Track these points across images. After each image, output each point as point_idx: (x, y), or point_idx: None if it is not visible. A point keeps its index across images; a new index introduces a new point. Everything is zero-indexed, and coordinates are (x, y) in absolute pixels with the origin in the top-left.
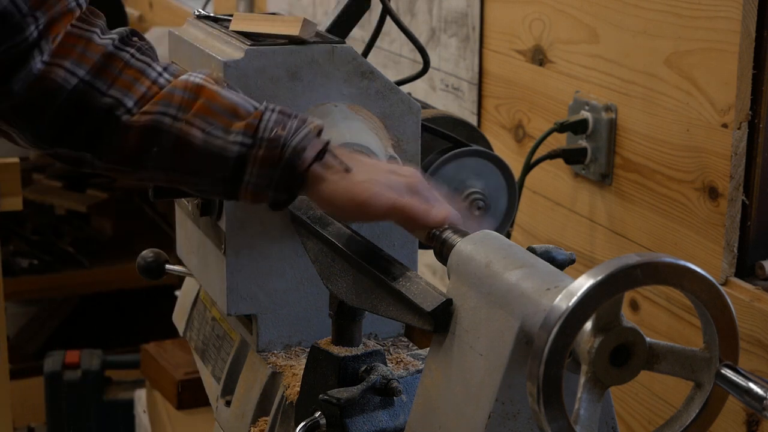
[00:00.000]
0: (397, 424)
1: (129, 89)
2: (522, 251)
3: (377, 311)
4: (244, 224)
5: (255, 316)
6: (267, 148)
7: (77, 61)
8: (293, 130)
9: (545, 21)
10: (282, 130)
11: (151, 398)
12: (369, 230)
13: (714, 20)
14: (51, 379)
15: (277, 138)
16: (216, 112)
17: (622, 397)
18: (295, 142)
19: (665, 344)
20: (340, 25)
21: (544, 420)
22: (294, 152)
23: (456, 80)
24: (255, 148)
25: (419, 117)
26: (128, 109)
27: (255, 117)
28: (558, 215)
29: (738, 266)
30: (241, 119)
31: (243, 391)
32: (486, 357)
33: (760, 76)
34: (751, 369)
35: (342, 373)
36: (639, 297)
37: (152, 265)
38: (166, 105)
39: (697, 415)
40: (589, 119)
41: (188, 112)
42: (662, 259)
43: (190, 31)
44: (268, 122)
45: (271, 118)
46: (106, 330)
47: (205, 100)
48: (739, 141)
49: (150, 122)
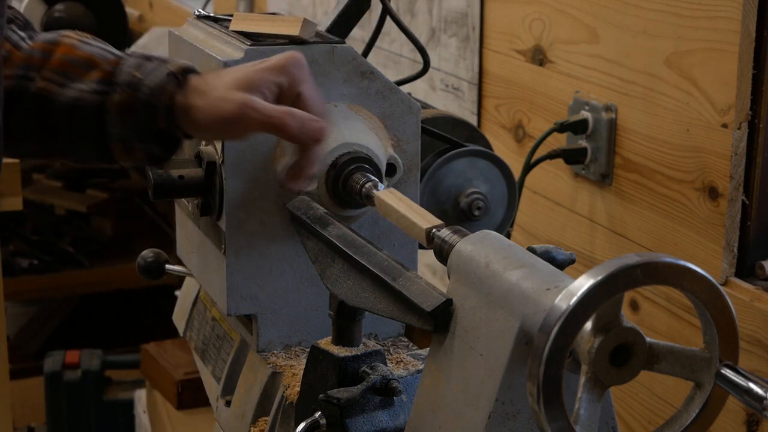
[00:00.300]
0: (397, 424)
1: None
2: (522, 251)
3: (377, 311)
4: (244, 224)
5: (255, 316)
6: (123, 92)
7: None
8: (150, 71)
9: (545, 21)
10: (139, 72)
11: (151, 398)
12: (369, 230)
13: (714, 20)
14: (51, 379)
15: (134, 81)
16: (73, 64)
17: (622, 397)
18: (151, 81)
19: (665, 344)
20: (340, 25)
21: (544, 420)
22: (151, 91)
23: (456, 80)
24: (112, 94)
25: (419, 117)
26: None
27: (112, 64)
28: (558, 215)
29: (738, 266)
30: (98, 68)
31: (243, 391)
32: (486, 357)
33: (760, 76)
34: (751, 369)
35: (342, 373)
36: (639, 297)
37: (152, 265)
38: (26, 67)
39: (697, 415)
40: (589, 119)
41: (46, 69)
42: (662, 259)
43: (190, 31)
44: (124, 67)
45: (128, 62)
46: (106, 330)
47: (61, 55)
48: (739, 141)
49: (10, 87)
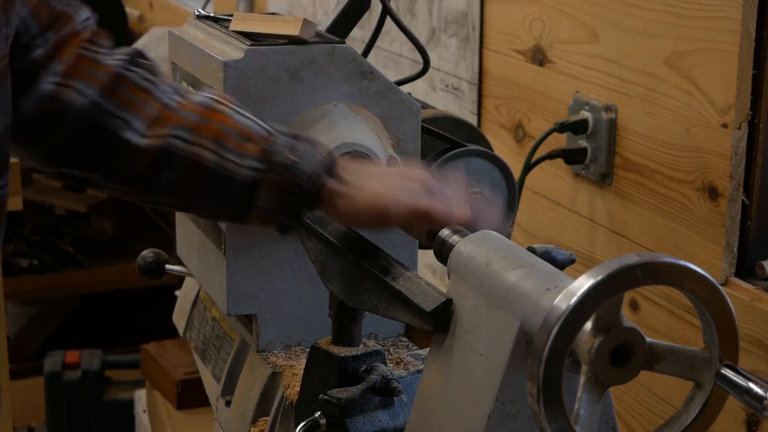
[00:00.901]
0: (397, 424)
1: (138, 111)
2: (522, 251)
3: (377, 311)
4: None
5: (255, 316)
6: (281, 174)
7: (87, 82)
8: (306, 155)
9: (545, 21)
10: (294, 156)
11: (151, 398)
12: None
13: (714, 20)
14: (51, 379)
15: (291, 164)
16: (228, 135)
17: (622, 397)
18: (308, 168)
19: (665, 344)
20: (340, 25)
21: (544, 420)
22: (309, 178)
23: (456, 80)
24: (269, 173)
25: (419, 117)
26: (139, 132)
27: (268, 141)
28: (558, 215)
29: (738, 266)
30: (253, 143)
31: (243, 391)
32: (486, 357)
33: (760, 76)
34: (751, 369)
35: (342, 373)
36: (639, 297)
37: (152, 265)
38: (180, 128)
39: (697, 415)
40: (589, 119)
41: (201, 135)
42: (662, 259)
43: (190, 31)
44: (278, 147)
45: (281, 141)
46: (106, 330)
47: (217, 123)
48: (739, 141)
49: (163, 145)
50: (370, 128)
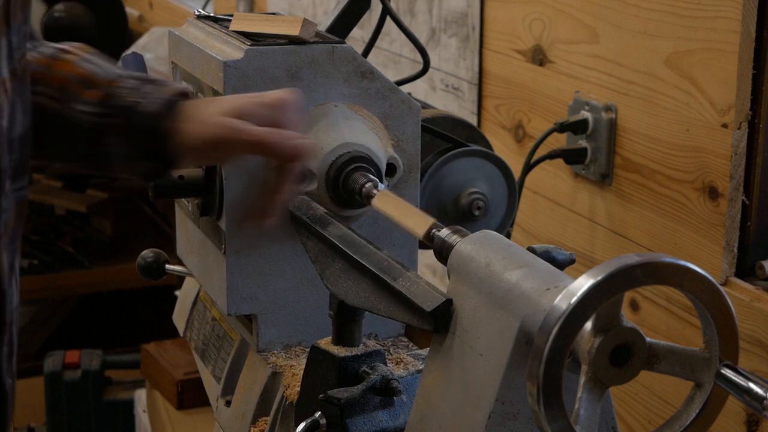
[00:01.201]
0: (397, 424)
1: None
2: (522, 251)
3: (377, 311)
4: None
5: (255, 316)
6: (122, 117)
7: None
8: (150, 95)
9: (545, 21)
10: (137, 97)
11: (151, 398)
12: (369, 230)
13: (714, 20)
14: (51, 379)
15: (132, 104)
16: (71, 82)
17: (622, 397)
18: (151, 107)
19: (665, 344)
20: (340, 25)
21: (544, 420)
22: (151, 117)
23: (456, 80)
24: (111, 117)
25: (419, 117)
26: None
27: (111, 85)
28: (558, 215)
29: (738, 266)
30: (96, 88)
31: (243, 391)
32: (486, 357)
33: (760, 76)
34: (751, 369)
35: (342, 373)
36: (639, 297)
37: (152, 265)
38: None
39: (697, 415)
40: (589, 119)
41: (45, 84)
42: (662, 259)
43: (190, 31)
44: (125, 89)
45: (129, 85)
46: (106, 330)
47: (61, 72)
48: (739, 141)
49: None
50: (370, 128)
